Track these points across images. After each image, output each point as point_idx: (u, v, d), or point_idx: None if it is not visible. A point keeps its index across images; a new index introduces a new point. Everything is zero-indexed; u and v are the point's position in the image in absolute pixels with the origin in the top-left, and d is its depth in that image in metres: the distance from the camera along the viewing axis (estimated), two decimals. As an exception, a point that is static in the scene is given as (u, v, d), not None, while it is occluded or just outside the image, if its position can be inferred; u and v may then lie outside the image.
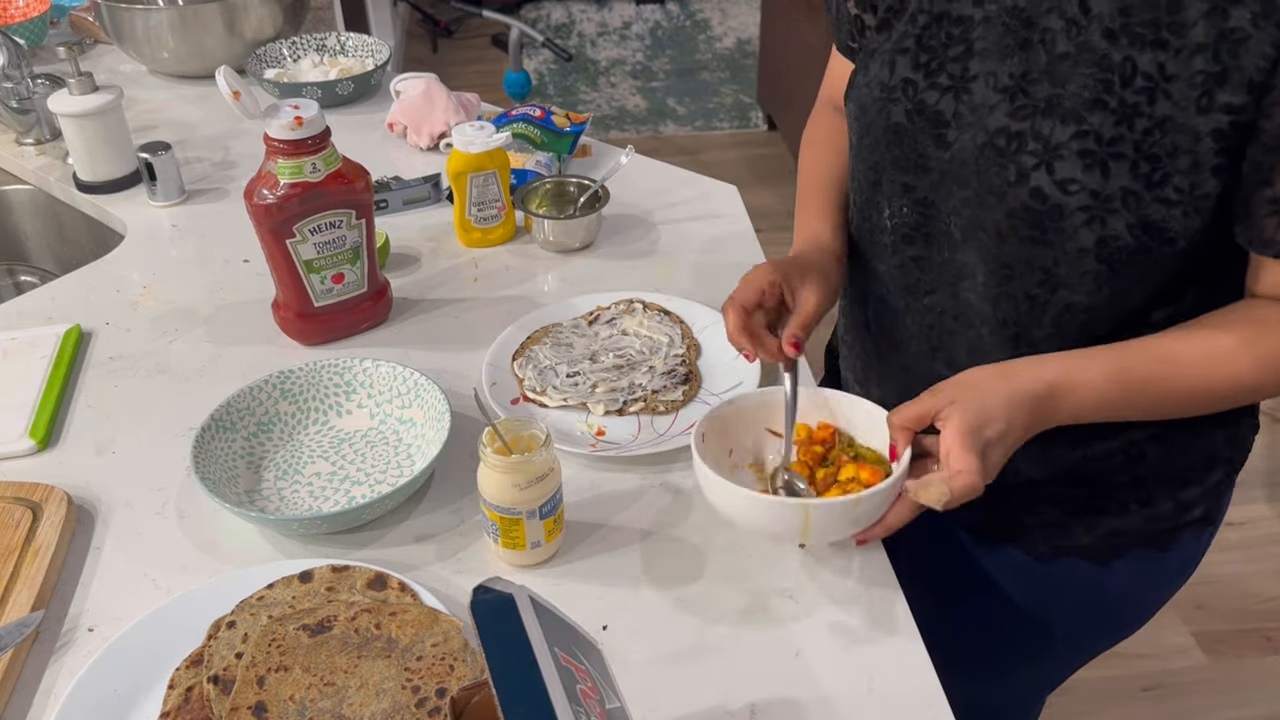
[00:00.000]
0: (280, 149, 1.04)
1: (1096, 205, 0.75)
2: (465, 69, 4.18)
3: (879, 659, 0.80)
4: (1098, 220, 0.76)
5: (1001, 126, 0.79)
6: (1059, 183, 0.76)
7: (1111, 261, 0.78)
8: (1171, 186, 0.73)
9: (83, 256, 1.37)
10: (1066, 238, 0.77)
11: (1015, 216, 0.79)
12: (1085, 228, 0.76)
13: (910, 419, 0.80)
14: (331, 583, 0.83)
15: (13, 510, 0.91)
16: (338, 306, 1.15)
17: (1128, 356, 0.80)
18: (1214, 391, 0.80)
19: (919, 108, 0.84)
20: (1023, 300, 0.84)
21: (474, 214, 1.30)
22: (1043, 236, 0.79)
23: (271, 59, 1.72)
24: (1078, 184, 0.75)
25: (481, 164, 1.27)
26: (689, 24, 4.66)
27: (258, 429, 1.01)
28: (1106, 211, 0.75)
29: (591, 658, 0.61)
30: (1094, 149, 0.74)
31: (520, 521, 0.85)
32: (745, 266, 1.27)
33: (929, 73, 0.83)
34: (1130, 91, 0.73)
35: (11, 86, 1.52)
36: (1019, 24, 0.78)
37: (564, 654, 0.56)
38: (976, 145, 0.80)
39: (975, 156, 0.81)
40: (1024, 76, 0.77)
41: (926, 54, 0.83)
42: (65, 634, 0.84)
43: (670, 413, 1.05)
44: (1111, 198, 0.75)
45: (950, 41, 0.82)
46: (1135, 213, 0.75)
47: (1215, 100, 0.71)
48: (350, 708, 0.72)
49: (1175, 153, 0.73)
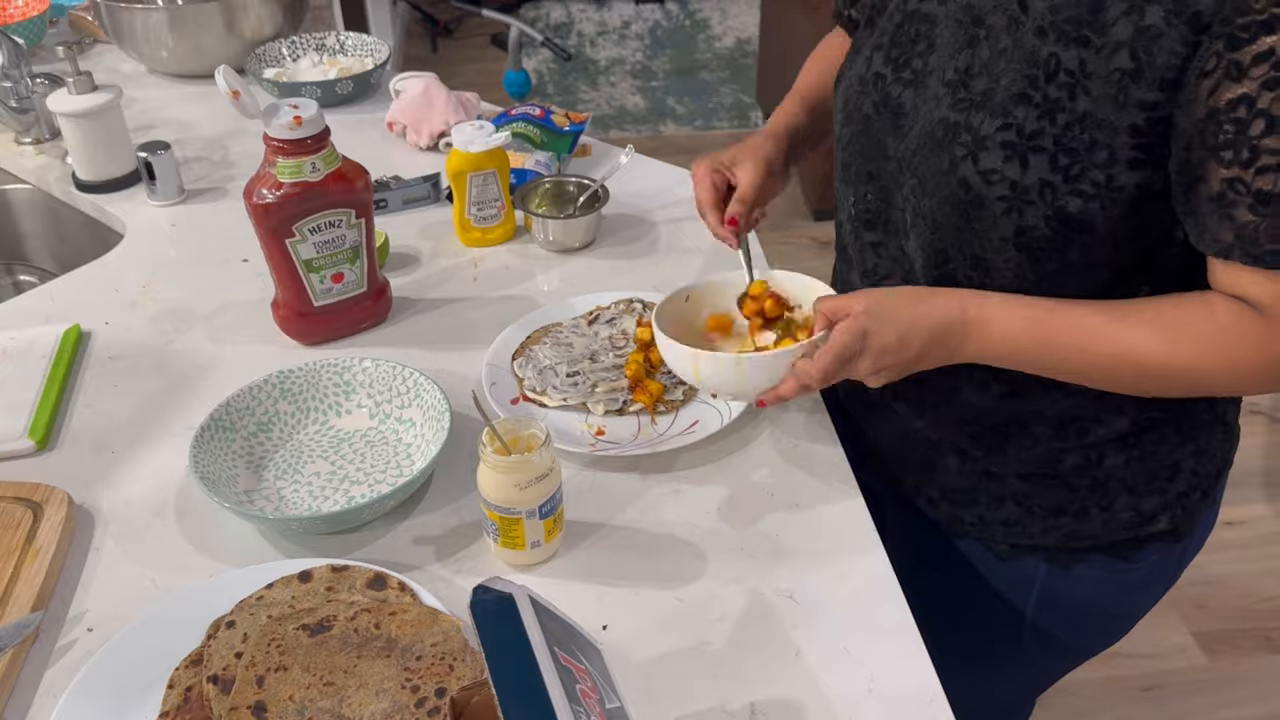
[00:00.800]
0: (279, 148, 1.04)
1: (1014, 196, 0.78)
2: (465, 68, 4.18)
3: (879, 659, 0.80)
4: (1015, 210, 0.78)
5: (942, 118, 0.82)
6: (982, 173, 0.78)
7: (1031, 250, 0.79)
8: (1089, 180, 0.75)
9: (82, 256, 1.37)
10: (989, 227, 0.80)
11: (946, 205, 0.82)
12: (1005, 217, 0.79)
13: (830, 308, 0.85)
14: (331, 582, 0.83)
15: (13, 510, 0.91)
16: (337, 306, 1.15)
17: (1049, 310, 0.81)
18: (1119, 367, 0.80)
19: (884, 99, 0.88)
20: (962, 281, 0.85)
21: (473, 213, 1.30)
22: (968, 225, 0.81)
23: (271, 58, 1.72)
24: (999, 174, 0.78)
25: (481, 163, 1.27)
26: (688, 23, 4.66)
27: (257, 429, 1.01)
28: (1024, 202, 0.77)
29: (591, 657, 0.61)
30: (1015, 141, 0.77)
31: (520, 521, 0.85)
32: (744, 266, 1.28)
33: (896, 67, 0.88)
34: (1053, 87, 0.75)
35: (10, 86, 1.52)
36: (969, 21, 0.81)
37: (564, 654, 0.56)
38: (922, 135, 0.84)
39: (920, 146, 0.84)
40: (967, 71, 0.81)
41: (897, 49, 0.88)
42: (65, 634, 0.84)
43: (670, 412, 1.05)
44: (1029, 189, 0.77)
45: (917, 38, 0.86)
46: (1051, 204, 0.77)
47: (1131, 96, 0.72)
48: (350, 707, 0.72)
49: (1093, 147, 0.74)
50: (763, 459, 0.99)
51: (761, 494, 0.95)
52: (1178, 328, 0.78)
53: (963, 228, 0.82)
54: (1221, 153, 0.70)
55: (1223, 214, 0.72)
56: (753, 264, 1.03)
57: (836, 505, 0.94)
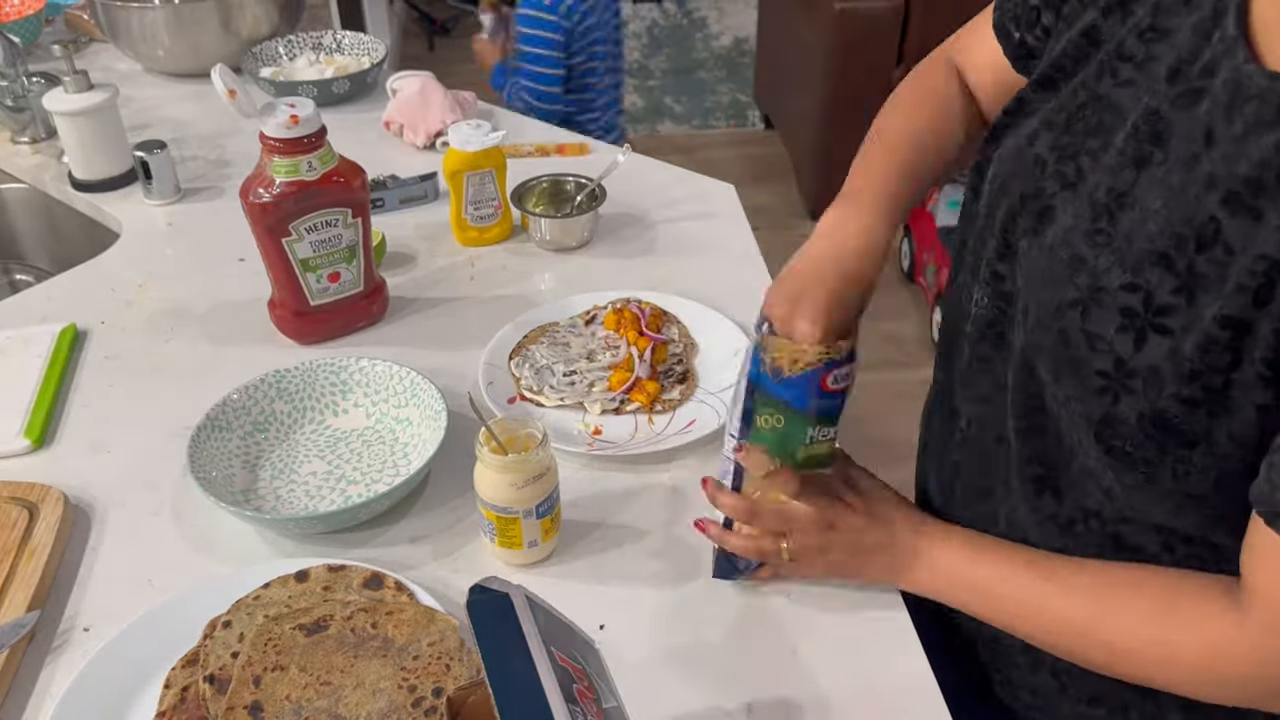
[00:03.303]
0: (276, 147, 1.04)
1: (1117, 376, 0.62)
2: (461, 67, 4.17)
3: (876, 658, 0.80)
4: (1111, 393, 0.62)
5: (1071, 246, 0.66)
6: (1087, 333, 0.63)
7: (1112, 450, 0.64)
8: (1200, 385, 0.59)
9: (78, 255, 1.37)
10: (1075, 400, 0.65)
11: (1040, 350, 0.68)
12: (1096, 397, 0.63)
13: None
14: (328, 582, 0.83)
15: (9, 510, 0.91)
16: (334, 305, 1.15)
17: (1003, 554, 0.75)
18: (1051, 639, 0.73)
19: (1036, 192, 0.70)
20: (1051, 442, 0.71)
21: (470, 213, 1.30)
22: (1057, 387, 0.67)
23: (267, 57, 1.72)
24: (1106, 343, 0.62)
25: (478, 163, 1.26)
26: (686, 23, 4.66)
27: (254, 428, 1.01)
28: (1123, 389, 0.62)
29: (588, 657, 0.61)
30: (1138, 310, 0.61)
31: (517, 520, 0.85)
32: (742, 265, 1.28)
33: (1061, 158, 0.69)
34: (1203, 259, 0.58)
35: (6, 85, 1.51)
36: (1149, 133, 0.64)
37: (561, 653, 0.56)
38: (1045, 256, 0.68)
39: (1038, 270, 0.69)
40: (1121, 197, 0.64)
41: (1069, 136, 0.70)
42: (61, 634, 0.84)
43: (667, 411, 1.05)
44: (1135, 374, 0.61)
45: (1095, 131, 0.68)
46: (1151, 402, 0.60)
47: (1275, 295, 0.56)
48: (346, 707, 0.72)
49: (1213, 345, 0.58)
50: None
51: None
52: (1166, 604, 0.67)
53: (1052, 387, 0.67)
54: None
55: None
56: None
57: (833, 504, 0.94)
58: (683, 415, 1.04)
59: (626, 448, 1.00)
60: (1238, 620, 0.63)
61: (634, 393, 1.05)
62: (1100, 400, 0.63)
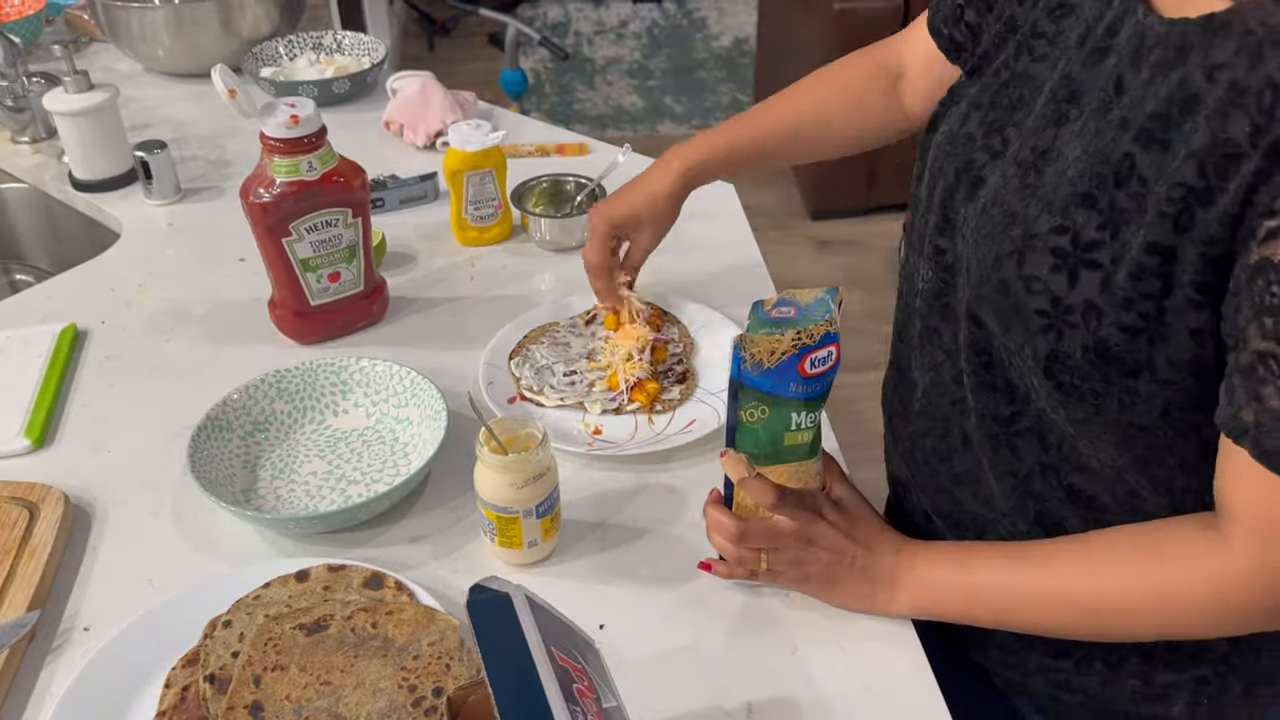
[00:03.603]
0: (276, 147, 1.04)
1: (1055, 314, 0.65)
2: (462, 67, 4.18)
3: (876, 658, 0.80)
4: (1054, 330, 0.66)
5: (1005, 202, 0.70)
6: (1025, 278, 0.67)
7: (1061, 384, 0.67)
8: (1136, 311, 0.62)
9: (78, 255, 1.37)
10: (1022, 343, 0.68)
11: (986, 305, 0.71)
12: (1040, 335, 0.66)
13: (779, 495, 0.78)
14: (328, 582, 0.83)
15: (9, 510, 0.91)
16: (334, 305, 1.15)
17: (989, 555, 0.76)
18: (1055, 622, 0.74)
19: (966, 166, 0.76)
20: (1002, 397, 0.74)
21: (470, 213, 1.30)
22: (1005, 335, 0.70)
23: (267, 57, 1.72)
24: (1041, 284, 0.66)
25: (478, 162, 1.26)
26: (686, 23, 4.66)
27: (254, 428, 1.01)
28: (1065, 324, 0.65)
29: (588, 657, 0.61)
30: (1068, 250, 0.64)
31: (517, 520, 0.85)
32: (741, 265, 1.28)
33: (988, 131, 0.75)
34: (1123, 194, 0.62)
35: (6, 85, 1.51)
36: (1065, 95, 0.69)
37: (560, 653, 0.56)
38: (979, 217, 0.72)
39: (978, 229, 0.72)
40: (1044, 154, 0.69)
41: (995, 111, 0.75)
42: (61, 633, 0.84)
43: (667, 411, 1.05)
44: (1073, 309, 0.64)
45: (1018, 104, 0.73)
46: (1093, 333, 0.64)
47: (1195, 218, 0.59)
48: (346, 707, 0.72)
49: (1143, 273, 0.62)
50: (760, 458, 0.99)
51: (758, 493, 0.95)
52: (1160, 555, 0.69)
53: (1000, 338, 0.71)
54: (1263, 318, 0.57)
55: (1250, 390, 0.59)
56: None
57: (833, 504, 0.94)
58: (682, 415, 1.04)
59: (626, 448, 1.00)
60: (1225, 546, 0.65)
61: (634, 393, 1.05)
62: (1045, 338, 0.66)
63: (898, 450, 0.92)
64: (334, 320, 1.16)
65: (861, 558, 0.80)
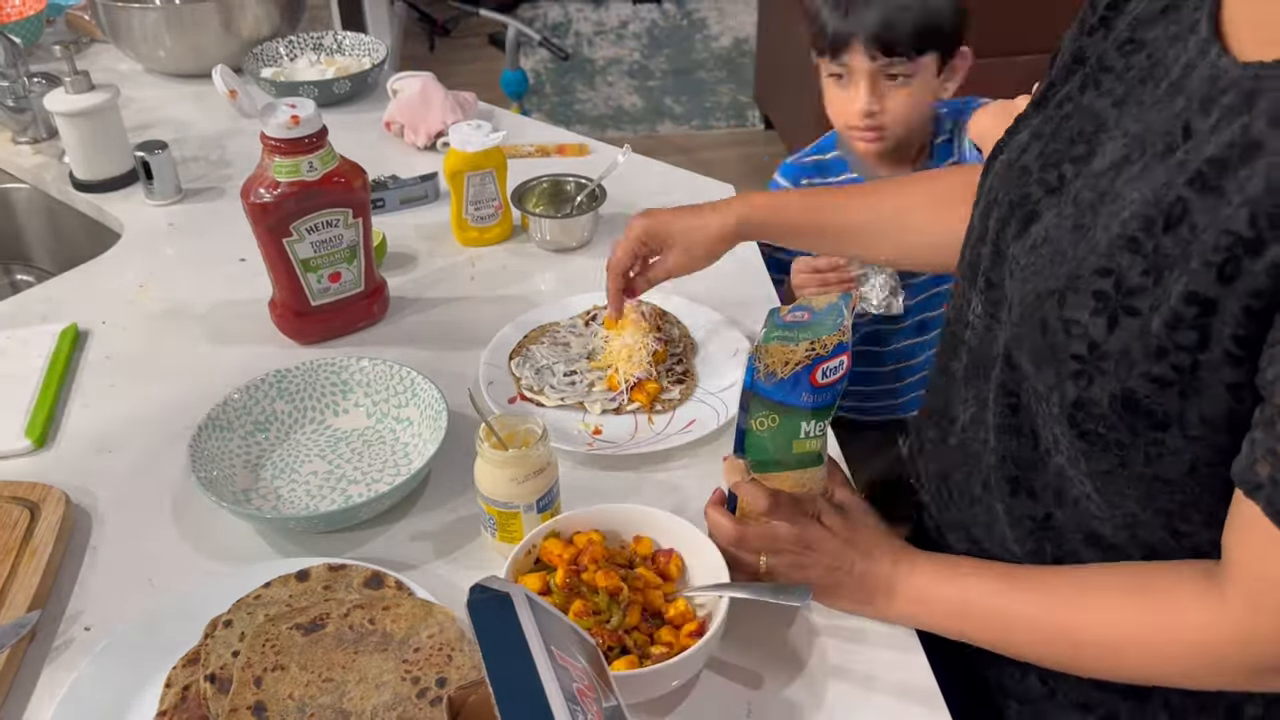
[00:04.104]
0: (277, 148, 1.04)
1: (1090, 359, 0.63)
2: (462, 68, 4.18)
3: (877, 659, 0.80)
4: (1085, 376, 0.64)
5: (1055, 242, 0.68)
6: (1064, 321, 0.65)
7: (1085, 434, 0.65)
8: (1168, 363, 0.60)
9: (79, 255, 1.37)
10: (1052, 385, 0.67)
11: (1021, 342, 0.69)
12: (1070, 382, 0.65)
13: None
14: (328, 581, 0.83)
15: (10, 510, 0.91)
16: (334, 305, 1.15)
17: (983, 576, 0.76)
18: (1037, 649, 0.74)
19: (1022, 199, 0.73)
20: (1026, 442, 0.73)
21: (471, 213, 1.30)
22: (1036, 382, 0.68)
23: (268, 58, 1.72)
24: (1080, 328, 0.64)
25: (478, 163, 1.27)
26: (686, 23, 4.66)
27: (254, 428, 1.01)
28: (1097, 370, 0.63)
29: (588, 656, 0.61)
30: (1110, 294, 0.62)
31: (518, 515, 0.85)
32: (741, 265, 1.28)
33: (1045, 165, 0.72)
34: (1169, 239, 0.60)
35: (7, 85, 1.51)
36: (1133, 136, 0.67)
37: (560, 653, 0.56)
38: (1028, 255, 0.70)
39: (1023, 268, 0.71)
40: (1103, 195, 0.66)
41: (1055, 144, 0.73)
42: (62, 633, 0.84)
43: (667, 411, 1.05)
44: (1107, 356, 0.63)
45: (1078, 139, 0.71)
46: (1120, 383, 0.62)
47: (1242, 270, 0.57)
48: (351, 702, 0.72)
49: (1178, 324, 0.59)
50: (759, 458, 0.99)
51: (758, 493, 0.95)
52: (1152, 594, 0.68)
53: (1031, 380, 0.69)
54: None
55: (1269, 444, 0.57)
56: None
57: (833, 504, 0.94)
58: (682, 415, 1.04)
59: (626, 447, 1.00)
60: (1218, 599, 0.64)
61: (634, 392, 1.05)
62: (1075, 384, 0.64)
63: (926, 477, 0.90)
64: (334, 320, 1.16)
65: (860, 563, 0.79)
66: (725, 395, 1.05)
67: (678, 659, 0.73)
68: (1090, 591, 0.71)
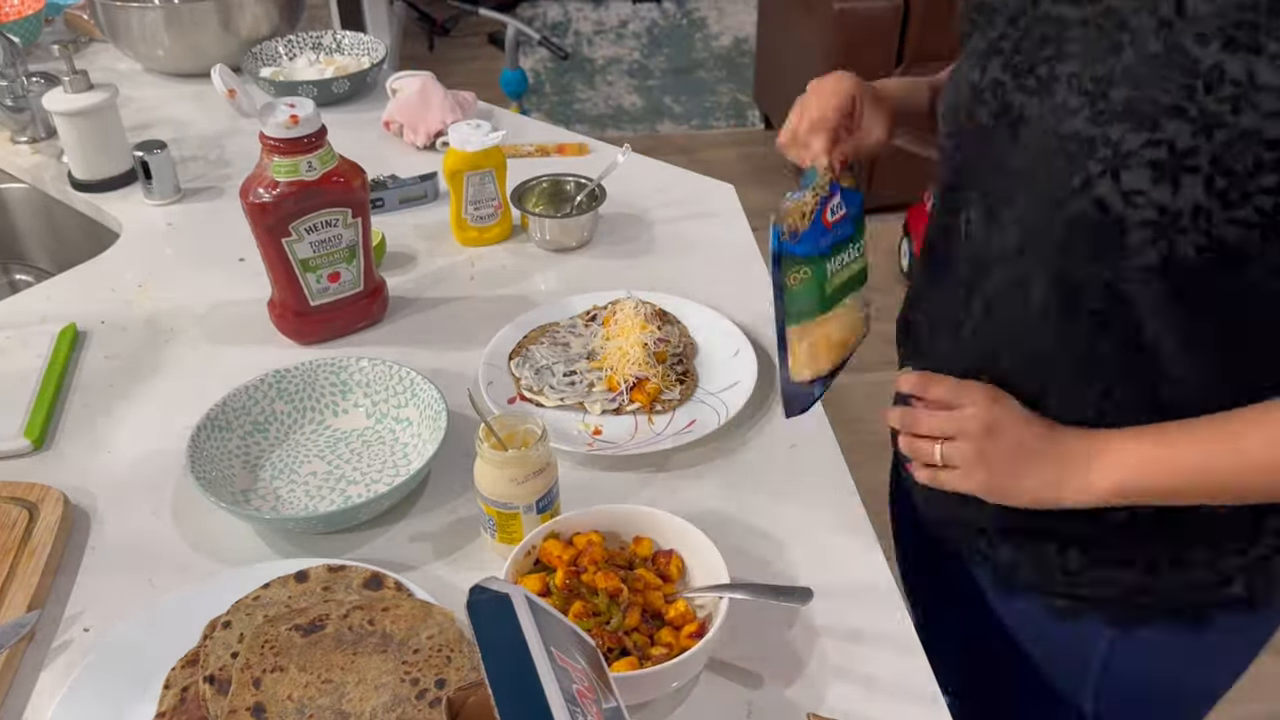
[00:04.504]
0: (276, 147, 1.04)
1: (1163, 222, 0.69)
2: (462, 67, 4.18)
3: (877, 660, 0.80)
4: (1164, 239, 0.69)
5: (1075, 131, 0.73)
6: (1125, 194, 0.70)
7: (1179, 281, 0.71)
8: (1251, 206, 0.66)
9: (78, 255, 1.37)
10: (1131, 253, 0.71)
11: (1075, 226, 0.74)
12: (1150, 246, 0.70)
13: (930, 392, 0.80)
14: (327, 582, 0.83)
15: (9, 510, 0.91)
16: (334, 305, 1.15)
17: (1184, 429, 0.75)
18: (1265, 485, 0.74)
19: (1004, 108, 0.80)
20: (1085, 319, 0.77)
21: (470, 213, 1.30)
22: (1103, 250, 0.73)
23: (267, 57, 1.72)
24: (1144, 197, 0.69)
25: (478, 162, 1.26)
26: (685, 22, 4.66)
27: (254, 428, 1.01)
28: (1175, 230, 0.69)
29: (588, 657, 0.61)
30: (1165, 160, 0.68)
31: (517, 516, 0.85)
32: (742, 265, 1.28)
33: (1017, 74, 0.79)
34: (1213, 99, 0.66)
35: (6, 85, 1.51)
36: (1112, 26, 0.73)
37: (560, 654, 0.56)
38: (1049, 149, 0.75)
39: (1046, 161, 0.76)
40: (1107, 80, 0.72)
41: (1020, 55, 0.79)
42: (61, 634, 0.84)
43: (667, 411, 1.05)
44: (1180, 214, 0.68)
45: (1044, 43, 0.77)
46: (1206, 233, 0.68)
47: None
48: (350, 703, 0.72)
49: (1259, 169, 0.65)
50: (759, 459, 0.99)
51: (758, 493, 0.95)
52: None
53: (1095, 253, 0.74)
54: None
55: None
56: None
57: (834, 505, 0.94)
58: (682, 415, 1.04)
59: (626, 448, 1.00)
60: None
61: (634, 393, 1.05)
62: (1155, 248, 0.70)
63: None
64: (334, 320, 1.16)
65: (1048, 435, 0.77)
66: (725, 395, 1.05)
67: (678, 660, 0.73)
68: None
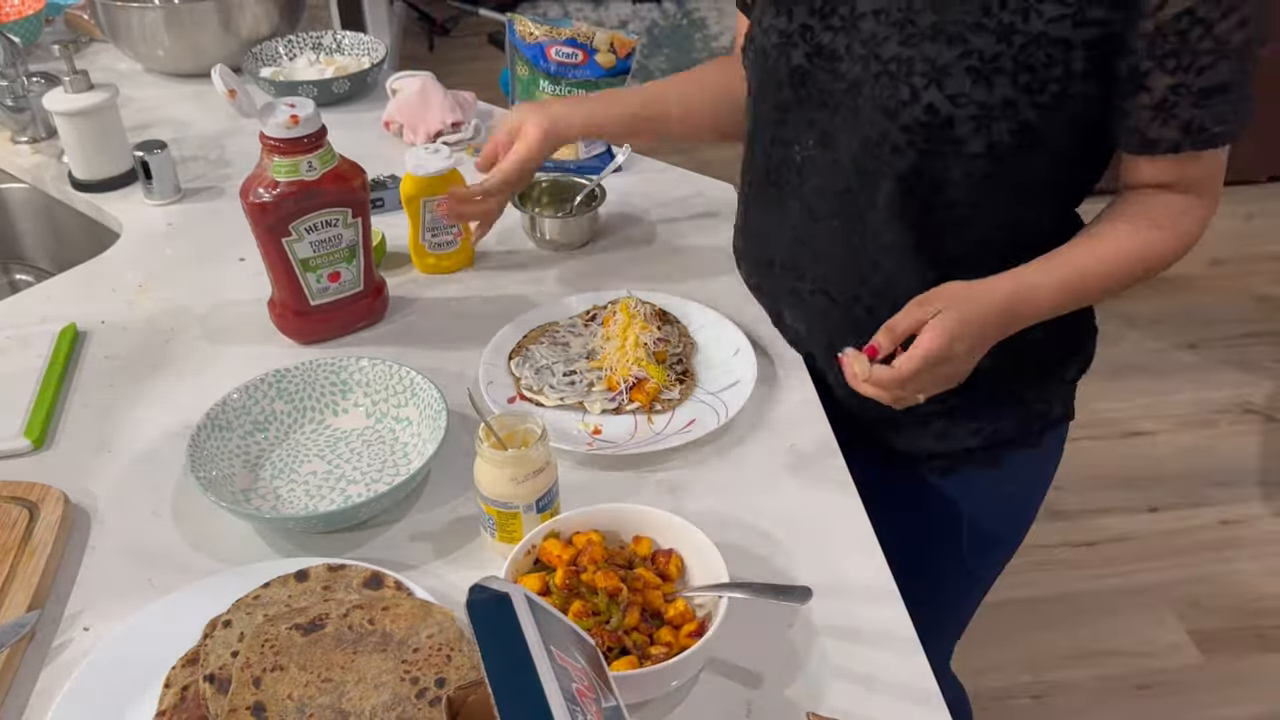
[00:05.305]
0: (276, 147, 1.04)
1: (983, 114, 0.87)
2: (462, 67, 4.18)
3: (877, 659, 0.80)
4: (984, 127, 0.87)
5: (894, 54, 0.89)
6: (950, 97, 0.87)
7: (998, 159, 0.89)
8: (1047, 93, 0.85)
9: (78, 255, 1.37)
10: (960, 144, 0.88)
11: (911, 131, 0.89)
12: (975, 135, 0.87)
13: (903, 331, 0.88)
14: (327, 582, 0.83)
15: (9, 510, 0.91)
16: (334, 305, 1.15)
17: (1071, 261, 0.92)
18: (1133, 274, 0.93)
19: (817, 49, 0.95)
20: (919, 210, 0.94)
21: (428, 239, 1.25)
22: (936, 146, 0.89)
23: (267, 57, 1.72)
24: (966, 97, 0.86)
25: (435, 188, 1.20)
26: (685, 23, 4.66)
27: (254, 428, 1.01)
28: (991, 119, 0.87)
29: (588, 656, 0.61)
30: (978, 66, 0.85)
31: (517, 515, 0.85)
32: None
33: (823, 16, 0.94)
34: (1006, 12, 0.84)
35: (6, 85, 1.51)
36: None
37: (560, 653, 0.56)
38: (871, 74, 0.91)
39: (870, 83, 0.91)
40: (909, 8, 0.88)
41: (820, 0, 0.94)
42: (61, 633, 0.84)
43: (667, 411, 1.05)
44: (994, 107, 0.86)
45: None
46: (1015, 119, 0.86)
47: (1087, 15, 0.82)
48: (350, 702, 0.72)
49: (1050, 64, 0.84)
50: (759, 458, 0.99)
51: (757, 493, 0.95)
52: (1155, 224, 0.92)
53: (930, 150, 0.90)
54: (1165, 61, 0.83)
55: (1166, 116, 0.85)
56: None
57: (833, 504, 0.94)
58: (682, 415, 1.04)
59: (626, 447, 1.00)
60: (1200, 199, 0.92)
61: (634, 392, 1.05)
62: (979, 136, 0.87)
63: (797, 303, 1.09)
64: (334, 320, 1.16)
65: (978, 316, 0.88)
66: (725, 395, 1.05)
67: (677, 659, 0.73)
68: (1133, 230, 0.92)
